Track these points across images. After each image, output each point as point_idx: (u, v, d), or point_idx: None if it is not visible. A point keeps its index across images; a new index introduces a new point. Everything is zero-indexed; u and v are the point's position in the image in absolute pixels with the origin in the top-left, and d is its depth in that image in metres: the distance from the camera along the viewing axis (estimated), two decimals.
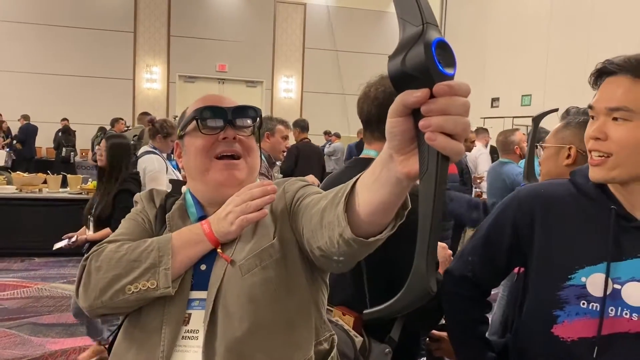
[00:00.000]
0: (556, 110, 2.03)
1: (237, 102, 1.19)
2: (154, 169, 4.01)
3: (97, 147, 3.50)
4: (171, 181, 1.33)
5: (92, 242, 3.36)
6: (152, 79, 14.10)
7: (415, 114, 0.61)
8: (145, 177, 3.97)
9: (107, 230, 3.38)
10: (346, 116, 13.67)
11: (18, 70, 12.92)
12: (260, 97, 14.85)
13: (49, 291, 4.78)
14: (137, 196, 1.28)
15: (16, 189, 6.44)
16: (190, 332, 1.04)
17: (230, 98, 1.21)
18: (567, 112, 1.75)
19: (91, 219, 3.44)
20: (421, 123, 0.59)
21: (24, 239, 6.02)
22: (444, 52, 0.59)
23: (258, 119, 1.17)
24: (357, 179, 0.81)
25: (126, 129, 10.03)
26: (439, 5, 15.06)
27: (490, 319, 2.29)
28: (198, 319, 1.04)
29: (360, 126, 1.68)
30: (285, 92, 15.13)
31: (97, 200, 3.45)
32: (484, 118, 11.94)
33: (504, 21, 12.17)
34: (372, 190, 0.75)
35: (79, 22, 13.26)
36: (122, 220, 1.21)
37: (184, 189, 1.24)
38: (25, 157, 10.67)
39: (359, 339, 1.33)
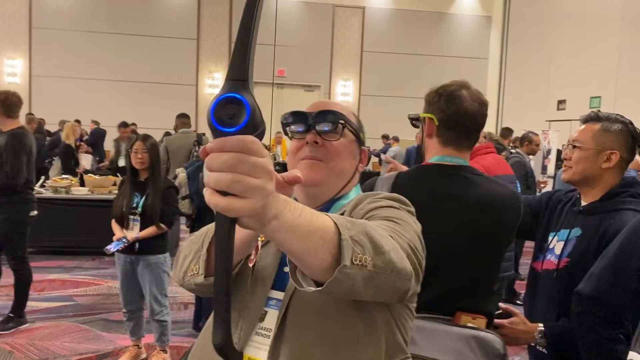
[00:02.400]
0: None
1: (334, 108, 1.20)
2: None
3: (134, 149, 3.50)
4: None
5: (142, 241, 3.50)
6: (214, 84, 14.48)
7: None
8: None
9: (153, 228, 3.49)
10: (404, 119, 13.53)
11: (89, 77, 13.60)
12: (318, 101, 14.94)
13: (118, 289, 4.97)
14: None
15: (88, 191, 6.77)
16: (264, 329, 1.05)
17: (337, 103, 1.25)
18: (597, 116, 1.82)
19: (134, 218, 3.51)
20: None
21: (95, 238, 6.31)
22: (237, 108, 0.61)
23: (340, 123, 1.17)
24: None
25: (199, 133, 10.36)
26: (502, 5, 14.66)
27: None
28: (272, 317, 1.05)
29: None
30: (343, 96, 15.16)
31: (139, 199, 3.52)
32: (550, 121, 11.50)
33: (571, 20, 11.69)
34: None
35: (145, 30, 13.81)
36: None
37: None
38: (95, 160, 11.19)
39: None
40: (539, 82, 12.29)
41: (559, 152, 7.41)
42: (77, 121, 9.96)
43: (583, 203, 1.83)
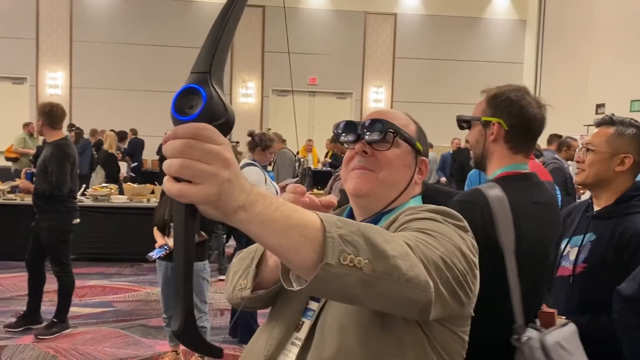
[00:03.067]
0: None
1: (387, 117, 1.18)
2: (253, 181, 4.16)
3: None
4: (341, 191, 1.42)
5: None
6: (247, 93, 14.67)
7: None
8: None
9: None
10: (438, 125, 13.41)
11: (127, 88, 13.97)
12: (350, 108, 14.97)
13: (157, 295, 5.07)
14: None
15: (127, 199, 6.94)
16: (298, 339, 1.06)
17: (392, 112, 1.26)
18: (611, 120, 1.86)
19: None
20: None
21: (133, 245, 6.46)
22: (197, 98, 0.64)
23: (390, 132, 1.14)
24: None
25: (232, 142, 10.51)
26: (537, 8, 14.41)
27: None
28: (307, 327, 1.06)
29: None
30: (375, 103, 15.13)
31: None
32: (588, 125, 11.21)
33: (611, 21, 11.39)
34: None
35: (180, 41, 14.09)
36: None
37: None
38: (133, 169, 11.46)
39: None
40: (576, 85, 12.01)
41: None
42: (112, 131, 10.25)
43: (596, 208, 1.86)
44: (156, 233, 3.67)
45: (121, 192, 7.31)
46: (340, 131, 1.18)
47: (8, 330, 4.36)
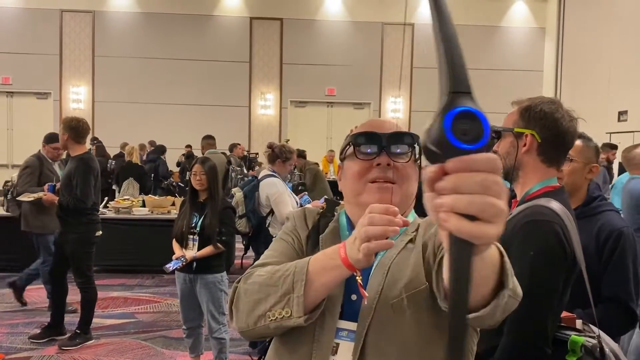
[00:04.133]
0: None
1: (399, 127, 1.17)
2: (278, 191, 4.19)
3: (193, 171, 3.64)
4: (326, 200, 1.35)
5: (200, 260, 3.58)
6: (266, 105, 14.79)
7: None
8: (271, 200, 4.16)
9: (210, 247, 3.58)
10: None
11: (147, 102, 14.19)
12: (367, 118, 14.95)
13: (177, 307, 5.10)
14: (289, 213, 1.27)
15: (148, 211, 7.02)
16: None
17: (392, 122, 1.20)
18: (581, 135, 2.07)
19: (193, 237, 3.62)
20: (431, 203, 0.55)
21: (155, 257, 6.52)
22: (470, 123, 0.54)
23: (416, 145, 1.14)
24: None
25: (246, 153, 10.62)
26: (556, 11, 14.28)
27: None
28: (346, 350, 1.02)
29: None
30: (393, 112, 15.12)
31: (197, 220, 3.63)
32: (610, 133, 11.04)
33: (632, 24, 11.22)
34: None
35: (199, 55, 14.31)
36: (275, 240, 1.22)
37: (338, 209, 1.24)
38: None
39: None
40: (598, 93, 11.85)
41: (620, 165, 7.09)
42: (148, 143, 10.43)
43: None
44: (174, 245, 3.71)
45: (143, 205, 7.40)
46: (361, 142, 1.13)
47: (33, 341, 4.43)
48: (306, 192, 5.58)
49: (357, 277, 1.00)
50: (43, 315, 4.98)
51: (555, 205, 1.49)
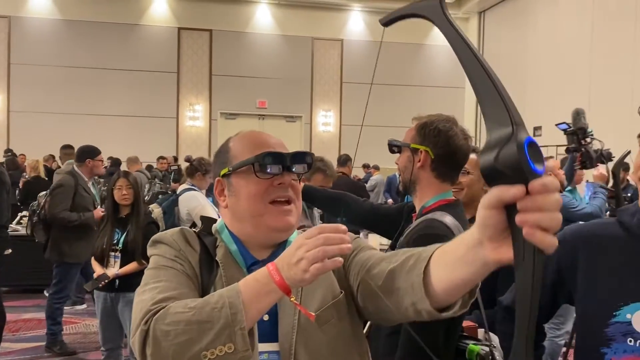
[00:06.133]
0: (629, 152, 2.35)
1: (282, 141, 1.17)
2: (200, 204, 4.11)
3: (117, 186, 3.50)
4: (202, 218, 1.25)
5: (122, 278, 3.45)
6: (194, 116, 14.52)
7: (508, 207, 0.66)
8: (192, 214, 4.06)
9: (134, 264, 3.46)
10: (385, 147, 13.67)
11: (69, 112, 13.54)
12: (299, 132, 15.05)
13: (96, 327, 4.85)
14: (164, 237, 1.14)
15: None
16: None
17: (272, 136, 1.19)
18: (475, 150, 2.13)
19: (115, 254, 3.49)
20: (518, 219, 0.64)
21: None
22: (534, 151, 0.64)
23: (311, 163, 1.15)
24: (432, 254, 0.88)
25: (173, 165, 10.32)
26: (476, 29, 15.04)
27: None
28: None
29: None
30: (324, 126, 15.30)
31: (119, 236, 3.52)
32: None
33: (543, 49, 12.02)
34: (455, 268, 0.82)
35: (125, 64, 13.87)
36: (154, 270, 1.08)
37: (214, 227, 1.17)
38: None
39: None
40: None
41: None
42: (52, 155, 9.87)
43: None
44: (94, 263, 3.56)
45: None
46: (268, 162, 1.09)
47: None
48: None
49: (291, 299, 0.95)
50: None
51: (448, 219, 1.56)
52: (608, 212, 4.29)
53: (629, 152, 2.44)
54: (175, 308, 0.93)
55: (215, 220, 1.20)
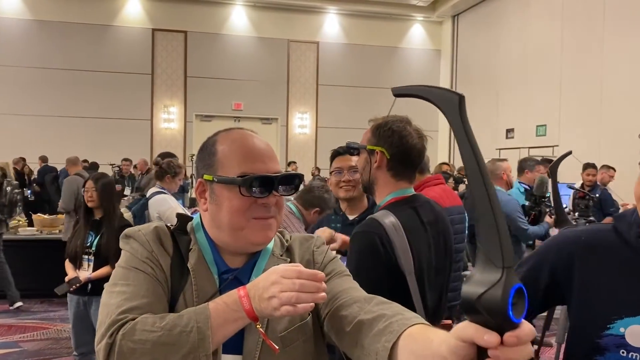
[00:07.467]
0: (570, 153, 2.44)
1: (270, 145, 1.15)
2: (170, 207, 4.08)
3: (85, 188, 3.49)
4: (178, 215, 1.22)
5: (95, 281, 3.40)
6: (169, 118, 14.36)
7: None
8: (163, 217, 4.02)
9: (107, 268, 3.42)
10: None
11: (41, 114, 13.25)
12: (275, 134, 15.01)
13: (68, 332, 4.77)
14: (136, 234, 1.12)
15: (36, 231, 6.53)
16: None
17: (261, 140, 1.16)
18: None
19: (88, 257, 3.46)
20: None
21: (43, 280, 6.06)
22: (518, 298, 0.63)
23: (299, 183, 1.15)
24: (404, 331, 0.88)
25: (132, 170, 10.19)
26: (450, 34, 15.24)
27: None
28: None
29: None
30: (300, 128, 15.29)
31: (93, 238, 3.48)
32: (500, 149, 11.90)
33: (515, 52, 12.25)
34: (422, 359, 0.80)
35: (98, 66, 13.63)
36: (124, 270, 1.07)
37: (190, 225, 1.16)
38: (44, 199, 10.76)
39: None
40: (488, 112, 12.75)
41: None
42: (23, 158, 9.64)
43: (350, 217, 2.39)
44: (67, 265, 3.50)
45: (30, 224, 6.87)
46: (255, 185, 1.07)
47: None
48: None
49: (257, 326, 0.98)
50: None
51: (388, 219, 1.58)
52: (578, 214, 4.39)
53: (569, 153, 2.57)
54: (143, 324, 0.94)
55: (191, 219, 1.19)
